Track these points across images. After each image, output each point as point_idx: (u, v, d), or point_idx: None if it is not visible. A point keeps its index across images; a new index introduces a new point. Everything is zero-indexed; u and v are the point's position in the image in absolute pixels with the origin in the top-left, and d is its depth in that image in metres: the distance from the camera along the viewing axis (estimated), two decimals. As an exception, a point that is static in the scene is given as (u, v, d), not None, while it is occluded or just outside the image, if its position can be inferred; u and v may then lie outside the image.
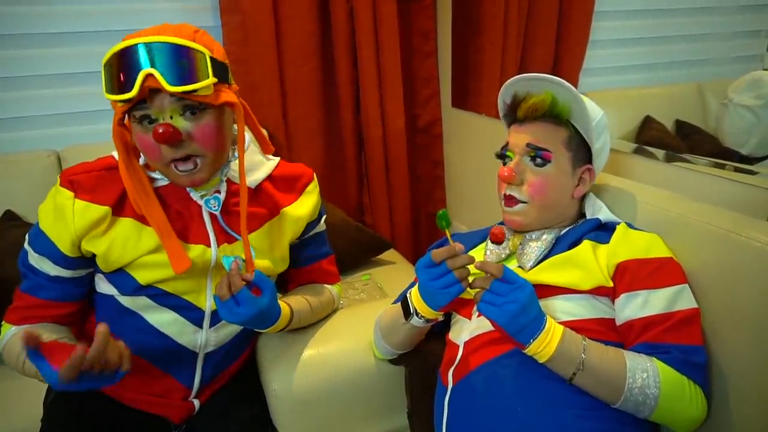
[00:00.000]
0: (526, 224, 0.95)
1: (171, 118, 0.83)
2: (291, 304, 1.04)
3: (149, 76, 0.78)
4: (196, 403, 1.03)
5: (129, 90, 0.78)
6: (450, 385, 0.90)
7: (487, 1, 1.69)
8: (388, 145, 1.97)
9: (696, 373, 0.79)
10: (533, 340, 0.78)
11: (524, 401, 0.81)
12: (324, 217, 1.14)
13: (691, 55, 1.29)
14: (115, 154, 0.93)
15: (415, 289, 0.92)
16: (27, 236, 0.94)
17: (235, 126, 0.91)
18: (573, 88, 0.92)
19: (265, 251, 1.02)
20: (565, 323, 0.83)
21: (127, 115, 0.84)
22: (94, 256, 0.92)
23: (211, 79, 0.82)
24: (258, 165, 1.03)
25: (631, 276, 0.84)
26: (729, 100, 1.11)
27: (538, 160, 0.93)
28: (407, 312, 0.93)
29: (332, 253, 1.19)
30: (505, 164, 0.98)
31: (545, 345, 0.78)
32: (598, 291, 0.86)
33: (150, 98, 0.81)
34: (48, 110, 1.69)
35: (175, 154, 0.84)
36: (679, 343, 0.80)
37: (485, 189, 1.00)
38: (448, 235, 0.84)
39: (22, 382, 1.23)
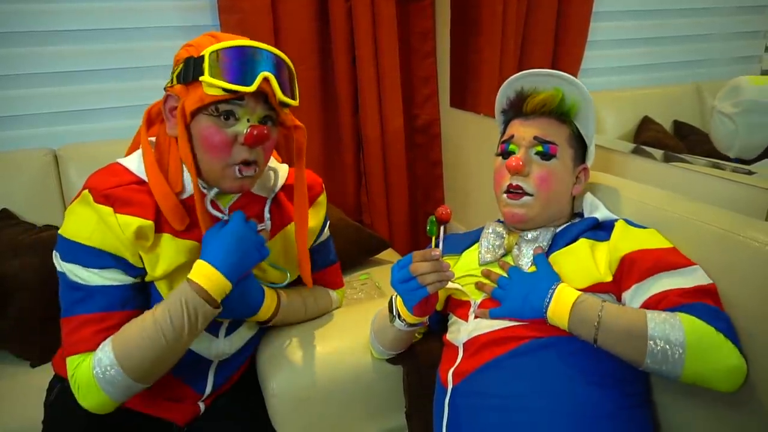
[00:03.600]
0: (530, 218, 0.95)
1: (248, 121, 0.86)
2: (279, 292, 1.04)
3: (265, 79, 0.83)
4: (202, 406, 1.03)
5: (248, 84, 0.81)
6: (450, 386, 0.89)
7: (486, 2, 1.69)
8: (386, 144, 1.97)
9: (722, 324, 0.74)
10: (549, 297, 0.81)
11: (527, 401, 0.81)
12: (328, 223, 1.14)
13: (689, 55, 1.29)
14: (124, 161, 0.92)
15: None
16: (68, 263, 0.86)
17: None
18: (583, 86, 0.94)
19: (278, 259, 1.03)
20: None
21: (197, 108, 0.84)
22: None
23: (297, 102, 0.90)
24: (275, 172, 1.04)
25: (638, 267, 0.83)
26: (713, 108, 1.12)
27: (545, 154, 0.94)
28: (392, 314, 0.94)
29: (337, 261, 1.18)
30: (506, 159, 0.97)
31: (559, 307, 0.81)
32: (594, 288, 0.86)
33: (246, 99, 0.84)
34: (45, 108, 1.68)
35: (248, 155, 0.86)
36: (701, 302, 0.76)
37: (484, 188, 1.00)
38: (433, 241, 0.85)
39: (23, 381, 1.23)
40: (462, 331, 0.93)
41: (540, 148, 0.94)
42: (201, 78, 0.81)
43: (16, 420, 1.15)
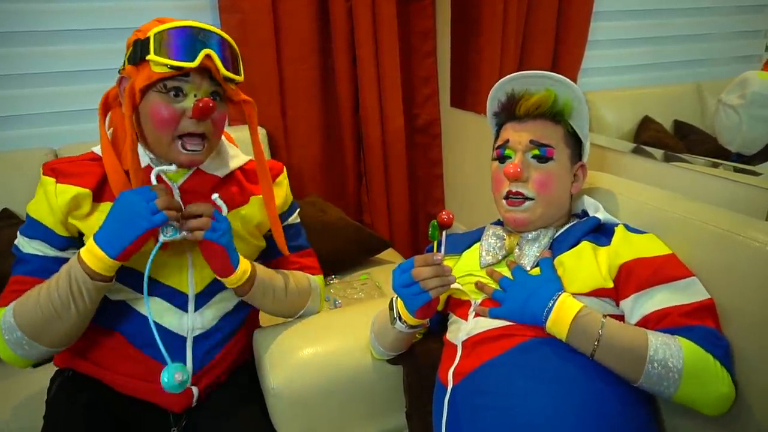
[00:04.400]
0: (532, 222, 0.95)
1: (195, 96, 0.90)
2: (254, 264, 1.04)
3: (207, 56, 0.88)
4: (195, 390, 1.02)
5: (191, 60, 0.86)
6: (450, 385, 0.89)
7: (486, 1, 1.69)
8: (386, 144, 1.97)
9: (720, 351, 0.76)
10: (550, 306, 0.81)
11: (529, 400, 0.81)
12: (297, 210, 1.16)
13: (689, 55, 1.29)
14: (96, 149, 0.97)
15: None
16: (18, 233, 0.97)
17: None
18: (575, 85, 0.93)
19: (236, 233, 1.02)
20: None
21: (146, 86, 0.88)
22: (83, 236, 0.94)
23: (242, 77, 0.95)
24: (233, 156, 1.07)
25: (637, 276, 0.84)
26: (719, 99, 1.12)
27: (542, 157, 0.93)
28: (393, 316, 0.94)
29: (309, 247, 1.19)
30: (503, 164, 0.97)
31: (559, 318, 0.80)
32: (596, 293, 0.86)
33: (191, 75, 0.89)
34: (46, 108, 1.69)
35: (196, 128, 0.91)
36: (700, 324, 0.78)
37: (484, 188, 1.00)
38: (435, 246, 0.85)
39: (24, 381, 1.23)
40: (461, 330, 0.93)
41: (536, 152, 0.93)
42: (147, 57, 0.86)
43: (17, 420, 1.15)
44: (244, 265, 0.99)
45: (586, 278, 0.86)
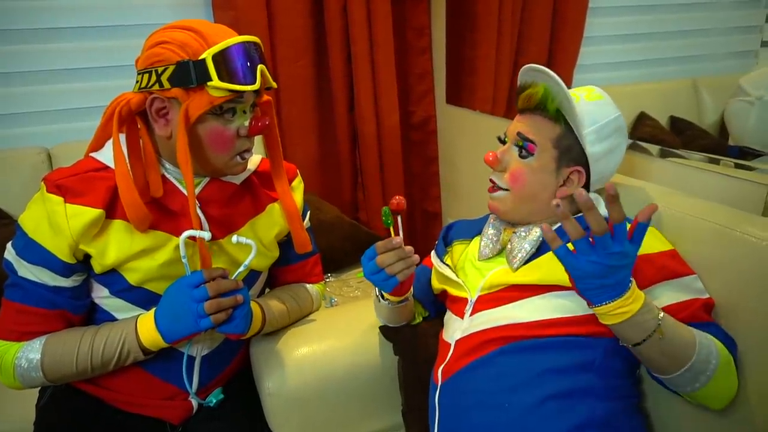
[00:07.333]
0: (504, 212, 0.95)
1: (244, 113, 0.89)
2: (262, 305, 1.02)
3: (262, 71, 0.86)
4: (195, 402, 1.02)
5: (253, 82, 0.84)
6: (440, 383, 0.90)
7: (481, -3, 1.69)
8: (382, 141, 1.96)
9: (734, 349, 0.78)
10: (607, 303, 0.72)
11: (511, 398, 0.81)
12: (308, 213, 1.14)
13: (685, 51, 1.29)
14: (99, 156, 0.90)
15: None
16: (11, 248, 0.89)
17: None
18: (562, 83, 0.87)
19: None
20: (558, 320, 0.83)
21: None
22: (89, 257, 0.89)
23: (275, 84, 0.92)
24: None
25: (641, 274, 0.81)
26: (758, 98, 1.04)
27: (523, 152, 0.92)
28: (376, 294, 1.01)
29: (318, 252, 1.18)
30: None
31: (621, 309, 0.71)
32: None
33: (245, 93, 0.86)
34: (39, 107, 1.68)
35: (250, 144, 0.91)
36: (713, 321, 0.79)
37: (480, 185, 0.99)
38: (392, 231, 0.87)
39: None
40: (457, 328, 0.93)
41: (519, 144, 0.93)
42: (210, 83, 0.81)
43: (10, 422, 1.15)
44: (254, 325, 0.98)
45: None
